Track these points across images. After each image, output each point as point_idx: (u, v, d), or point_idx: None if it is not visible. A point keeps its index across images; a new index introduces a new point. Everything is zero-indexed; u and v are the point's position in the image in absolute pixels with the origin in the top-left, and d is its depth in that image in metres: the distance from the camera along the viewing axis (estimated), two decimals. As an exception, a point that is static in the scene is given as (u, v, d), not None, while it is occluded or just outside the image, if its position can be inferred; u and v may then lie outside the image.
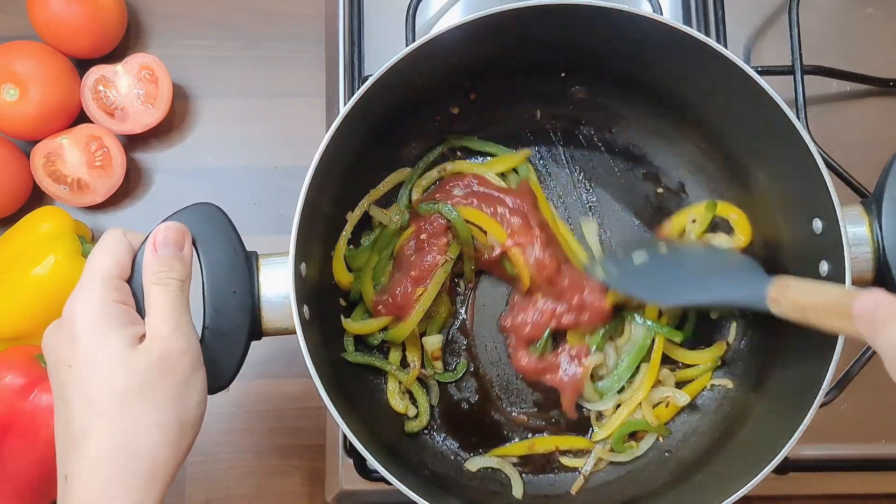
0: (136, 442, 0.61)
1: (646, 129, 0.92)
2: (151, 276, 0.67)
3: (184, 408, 0.64)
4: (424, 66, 0.78)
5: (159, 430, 0.62)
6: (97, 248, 0.67)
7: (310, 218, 0.73)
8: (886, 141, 0.99)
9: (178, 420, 0.63)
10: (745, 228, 0.87)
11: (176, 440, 0.63)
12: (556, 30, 0.79)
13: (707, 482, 0.78)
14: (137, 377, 0.62)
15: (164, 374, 0.63)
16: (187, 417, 0.64)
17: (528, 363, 0.87)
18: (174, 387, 0.63)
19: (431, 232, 0.85)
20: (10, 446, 0.84)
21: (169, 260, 0.67)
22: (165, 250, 0.68)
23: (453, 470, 0.87)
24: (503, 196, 0.88)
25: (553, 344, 0.88)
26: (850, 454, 0.90)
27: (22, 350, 0.88)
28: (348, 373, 0.86)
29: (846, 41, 1.02)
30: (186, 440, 0.64)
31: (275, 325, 0.72)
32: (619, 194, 0.93)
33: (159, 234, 0.68)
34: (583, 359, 0.86)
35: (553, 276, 0.85)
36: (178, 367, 0.64)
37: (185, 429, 0.64)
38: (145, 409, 0.62)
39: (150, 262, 0.67)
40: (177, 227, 0.69)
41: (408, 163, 0.92)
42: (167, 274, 0.67)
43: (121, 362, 0.62)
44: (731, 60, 0.74)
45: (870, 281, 0.73)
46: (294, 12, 1.06)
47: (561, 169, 0.94)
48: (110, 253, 0.67)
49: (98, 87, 0.99)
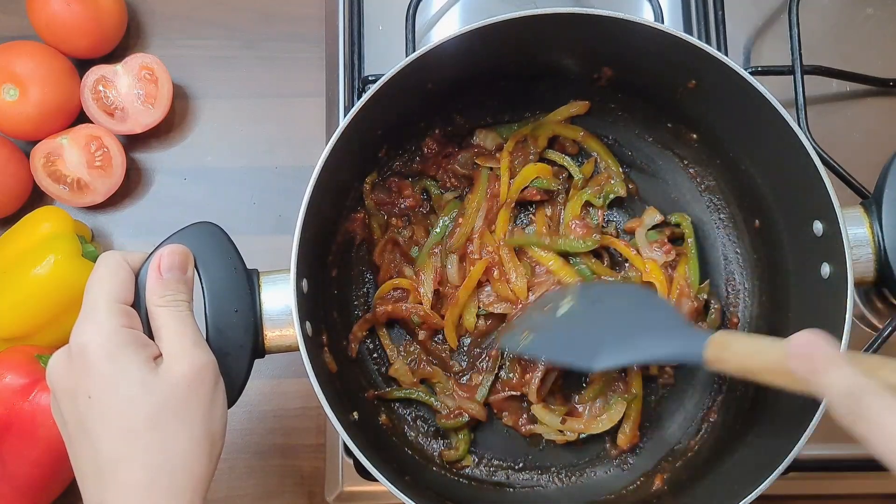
0: (173, 462, 0.61)
1: (642, 134, 0.93)
2: (158, 299, 0.66)
3: (212, 419, 0.64)
4: (425, 76, 0.79)
5: (194, 445, 0.62)
6: (98, 272, 0.67)
7: (310, 232, 0.74)
8: (886, 141, 0.99)
9: (209, 433, 0.64)
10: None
11: (208, 452, 0.63)
12: (545, 37, 0.79)
13: (711, 488, 0.79)
14: (165, 398, 0.62)
15: (190, 391, 0.63)
16: (216, 429, 0.65)
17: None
18: (202, 402, 0.64)
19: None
20: (10, 446, 0.84)
21: (174, 284, 0.67)
22: (170, 274, 0.67)
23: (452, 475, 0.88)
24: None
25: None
26: (850, 454, 0.90)
27: (22, 350, 0.88)
28: (351, 385, 0.87)
29: (846, 41, 1.02)
30: (217, 450, 0.65)
31: (277, 342, 0.72)
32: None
33: (164, 258, 0.68)
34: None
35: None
36: (204, 381, 0.64)
37: (215, 440, 0.64)
38: (178, 428, 0.62)
39: (155, 287, 0.67)
40: (180, 249, 0.69)
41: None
42: (174, 297, 0.67)
43: (144, 386, 0.62)
44: (726, 64, 0.74)
45: (872, 282, 0.73)
46: (294, 12, 1.06)
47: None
48: (112, 277, 0.66)
49: (98, 87, 0.98)
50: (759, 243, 0.88)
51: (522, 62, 0.85)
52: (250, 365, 0.71)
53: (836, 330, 0.69)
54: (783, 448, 0.69)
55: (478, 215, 0.90)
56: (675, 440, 0.88)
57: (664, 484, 0.84)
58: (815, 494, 0.92)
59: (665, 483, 0.84)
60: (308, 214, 0.72)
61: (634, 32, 0.76)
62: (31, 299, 0.89)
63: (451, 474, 0.88)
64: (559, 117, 0.93)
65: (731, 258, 0.91)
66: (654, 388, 0.91)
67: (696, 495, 0.79)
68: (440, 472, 0.87)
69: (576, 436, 0.87)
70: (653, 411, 0.90)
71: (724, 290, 0.91)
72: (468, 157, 0.93)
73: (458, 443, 0.88)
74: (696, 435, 0.87)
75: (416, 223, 0.92)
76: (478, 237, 0.90)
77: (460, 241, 0.90)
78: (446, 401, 0.89)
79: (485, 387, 0.89)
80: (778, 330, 0.79)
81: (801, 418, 0.69)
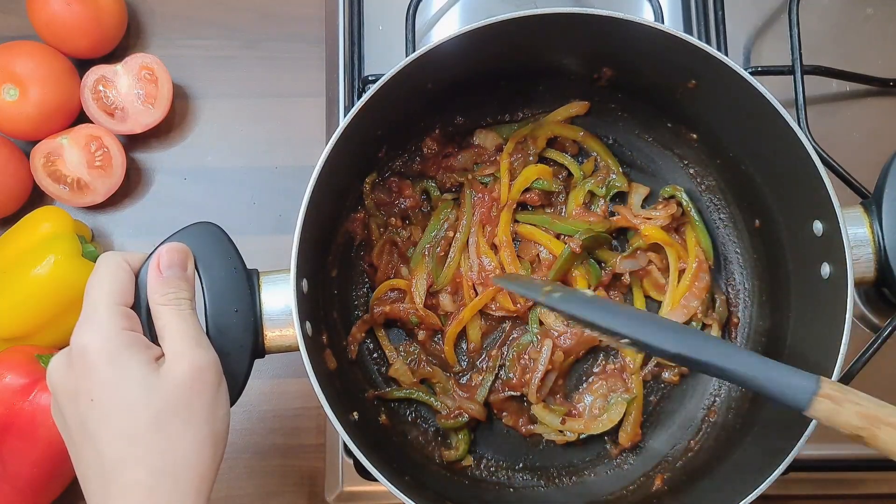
0: (176, 463, 0.61)
1: (642, 134, 0.93)
2: (160, 298, 0.66)
3: (216, 419, 0.64)
4: (425, 76, 0.79)
5: (198, 445, 0.62)
6: (97, 274, 0.66)
7: (310, 233, 0.74)
8: (886, 141, 0.99)
9: (213, 433, 0.64)
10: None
11: (212, 452, 0.63)
12: (542, 37, 0.79)
13: (711, 488, 0.79)
14: (168, 399, 0.62)
15: (194, 392, 0.63)
16: (219, 429, 0.65)
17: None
18: (205, 402, 0.63)
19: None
20: (10, 446, 0.84)
21: (175, 281, 0.67)
22: (171, 272, 0.67)
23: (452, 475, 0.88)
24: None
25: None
26: (851, 454, 0.90)
27: (22, 350, 0.88)
28: (351, 385, 0.87)
29: (846, 41, 1.02)
30: (220, 450, 0.65)
31: (277, 342, 0.72)
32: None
33: (163, 256, 0.68)
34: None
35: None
36: (207, 382, 0.64)
37: (219, 440, 0.64)
38: (182, 429, 0.62)
39: (156, 285, 0.67)
40: (179, 247, 0.69)
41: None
42: (176, 294, 0.67)
43: (147, 388, 0.62)
44: (726, 64, 0.74)
45: (872, 282, 0.73)
46: (294, 12, 1.06)
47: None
48: (112, 279, 0.66)
49: (98, 87, 0.98)
50: (759, 243, 0.88)
51: (522, 62, 0.85)
52: (250, 365, 0.71)
53: (836, 330, 0.69)
54: (783, 448, 0.69)
55: (468, 242, 0.91)
56: (676, 440, 0.88)
57: (664, 484, 0.84)
58: (815, 494, 0.92)
59: (665, 483, 0.84)
60: (308, 214, 0.72)
61: (635, 32, 0.76)
62: (31, 299, 0.89)
63: (451, 474, 0.88)
64: (559, 117, 0.93)
65: (731, 258, 0.91)
66: (654, 388, 0.91)
67: (696, 495, 0.79)
68: (440, 472, 0.87)
69: (576, 436, 0.87)
70: (653, 411, 0.90)
71: (724, 290, 0.91)
72: (468, 157, 0.93)
73: (458, 443, 0.88)
74: (696, 435, 0.87)
75: (416, 224, 0.92)
76: (475, 254, 0.90)
77: (447, 278, 0.90)
78: (446, 401, 0.89)
79: (485, 387, 0.89)
80: (778, 330, 0.79)
81: (801, 419, 0.69)
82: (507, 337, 0.91)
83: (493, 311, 0.90)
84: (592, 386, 0.89)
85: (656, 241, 0.89)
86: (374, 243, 0.91)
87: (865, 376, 0.86)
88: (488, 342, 0.91)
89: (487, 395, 0.89)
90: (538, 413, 0.87)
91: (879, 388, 0.92)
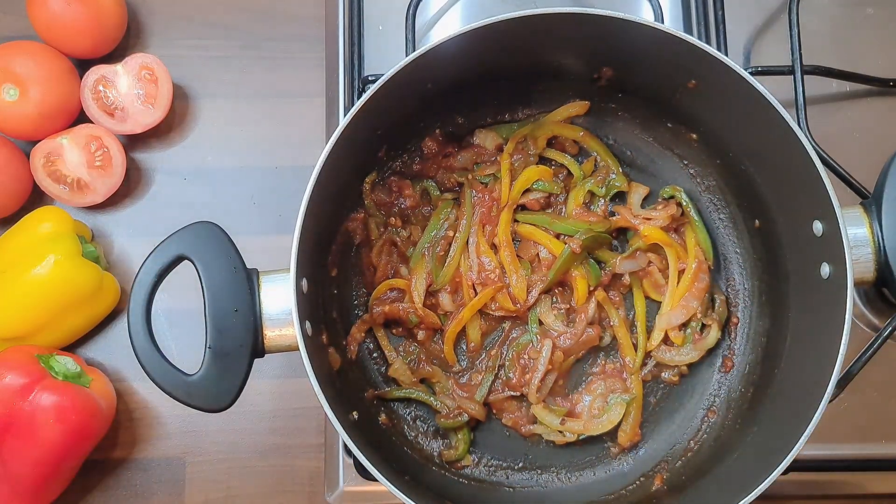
0: None
1: (642, 134, 0.93)
2: None
3: None
4: (425, 76, 0.79)
5: None
6: None
7: (310, 232, 0.74)
8: (886, 141, 0.98)
9: None
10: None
11: None
12: (539, 37, 0.79)
13: (711, 488, 0.79)
14: None
15: None
16: None
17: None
18: None
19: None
20: (10, 446, 0.84)
21: None
22: None
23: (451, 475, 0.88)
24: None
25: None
26: (850, 454, 0.90)
27: (22, 350, 0.88)
28: (351, 385, 0.87)
29: (846, 41, 1.02)
30: None
31: (277, 342, 0.72)
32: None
33: None
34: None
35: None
36: None
37: None
38: None
39: None
40: None
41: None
42: None
43: None
44: (726, 64, 0.74)
45: (871, 282, 0.73)
46: (294, 12, 1.06)
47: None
48: None
49: (98, 87, 0.98)
50: (758, 243, 0.88)
51: (522, 62, 0.85)
52: (250, 365, 0.71)
53: (836, 330, 0.69)
54: (783, 448, 0.69)
55: (468, 242, 0.91)
56: (675, 440, 0.88)
57: (664, 484, 0.84)
58: (815, 494, 0.92)
59: (665, 483, 0.84)
60: (308, 214, 0.72)
61: (634, 32, 0.76)
62: (31, 299, 0.89)
63: (450, 474, 0.88)
64: (559, 117, 0.93)
65: (730, 258, 0.91)
66: (654, 388, 0.91)
67: (696, 495, 0.79)
68: (440, 472, 0.87)
69: (575, 436, 0.87)
70: (653, 411, 0.90)
71: (723, 290, 0.91)
72: (468, 157, 0.93)
73: (458, 443, 0.88)
74: (695, 435, 0.87)
75: (416, 223, 0.92)
76: (475, 254, 0.90)
77: (447, 278, 0.90)
78: (446, 400, 0.89)
79: (484, 386, 0.89)
80: (778, 330, 0.79)
81: (800, 418, 0.69)
82: (507, 337, 0.91)
83: (493, 310, 0.90)
84: (591, 386, 0.89)
85: (656, 241, 0.89)
86: (373, 243, 0.91)
87: (865, 376, 0.86)
88: (488, 342, 0.91)
89: (487, 395, 0.89)
90: (538, 413, 0.87)
91: (879, 389, 0.92)
